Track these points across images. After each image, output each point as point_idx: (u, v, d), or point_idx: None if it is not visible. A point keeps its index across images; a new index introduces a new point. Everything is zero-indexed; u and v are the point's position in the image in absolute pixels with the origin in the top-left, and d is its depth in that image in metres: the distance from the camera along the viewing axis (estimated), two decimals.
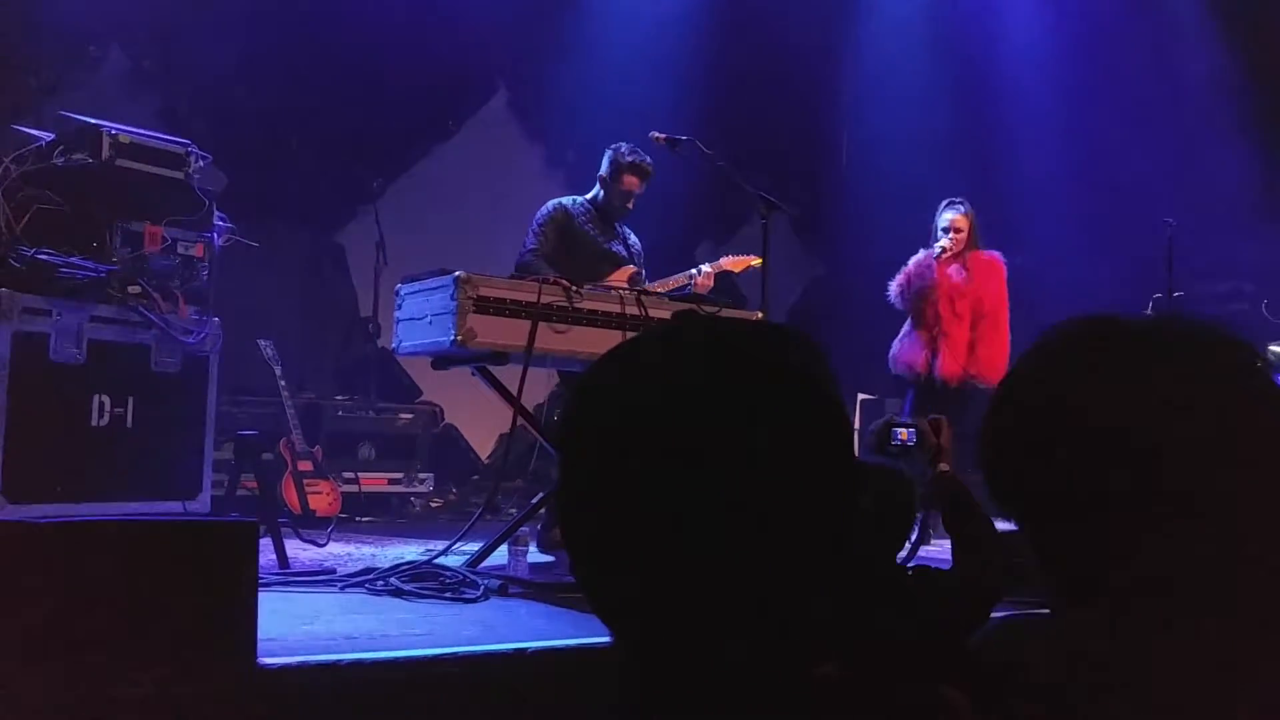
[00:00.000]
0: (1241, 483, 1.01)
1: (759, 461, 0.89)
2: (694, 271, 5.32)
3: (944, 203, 6.20)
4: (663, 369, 0.94)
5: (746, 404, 0.90)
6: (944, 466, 2.44)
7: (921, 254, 6.21)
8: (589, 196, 5.39)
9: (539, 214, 5.37)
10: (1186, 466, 1.01)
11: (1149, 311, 7.03)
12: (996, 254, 6.20)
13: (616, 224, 5.41)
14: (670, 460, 0.89)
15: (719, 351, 0.94)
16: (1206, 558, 1.00)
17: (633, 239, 5.49)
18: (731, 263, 5.56)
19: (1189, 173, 8.77)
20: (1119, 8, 8.98)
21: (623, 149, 5.26)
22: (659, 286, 5.24)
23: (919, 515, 2.58)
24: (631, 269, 5.31)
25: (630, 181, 5.23)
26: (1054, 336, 1.12)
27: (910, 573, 1.86)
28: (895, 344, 6.29)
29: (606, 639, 0.94)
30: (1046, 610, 1.10)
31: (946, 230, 6.11)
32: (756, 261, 5.45)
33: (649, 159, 5.27)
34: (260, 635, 2.42)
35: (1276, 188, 8.58)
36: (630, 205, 5.32)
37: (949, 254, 6.06)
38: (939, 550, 4.70)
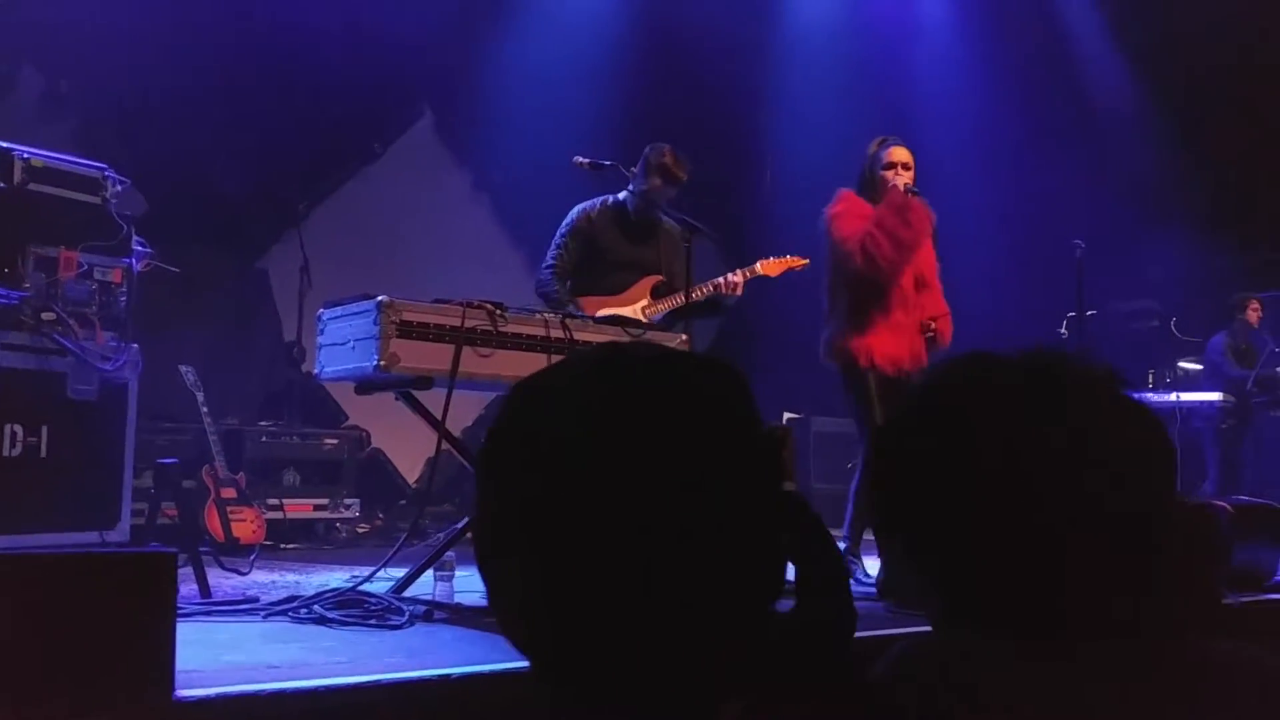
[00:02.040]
0: (1111, 503, 1.05)
1: (680, 496, 0.88)
2: (719, 281, 5.21)
3: (877, 140, 4.85)
4: (581, 403, 0.92)
5: (669, 440, 0.90)
6: (788, 485, 2.20)
7: (871, 198, 4.66)
8: (622, 196, 5.33)
9: (564, 223, 5.34)
10: (1053, 493, 1.05)
11: (1063, 330, 7.22)
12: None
13: (658, 219, 5.32)
14: (588, 494, 0.88)
15: (641, 385, 0.93)
16: (1080, 579, 1.05)
17: (671, 229, 5.24)
18: (769, 266, 5.31)
19: (1099, 195, 9.02)
20: (1030, 37, 9.23)
21: (660, 149, 5.21)
22: (680, 298, 5.20)
23: None
24: (655, 279, 5.27)
25: (656, 184, 5.18)
26: (932, 376, 1.18)
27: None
28: (847, 330, 4.67)
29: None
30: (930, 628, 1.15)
31: (891, 166, 4.69)
32: (800, 263, 5.21)
33: (686, 164, 5.20)
34: (179, 667, 2.38)
35: (1185, 208, 8.85)
36: (656, 209, 5.26)
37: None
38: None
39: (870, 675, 1.07)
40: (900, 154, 4.71)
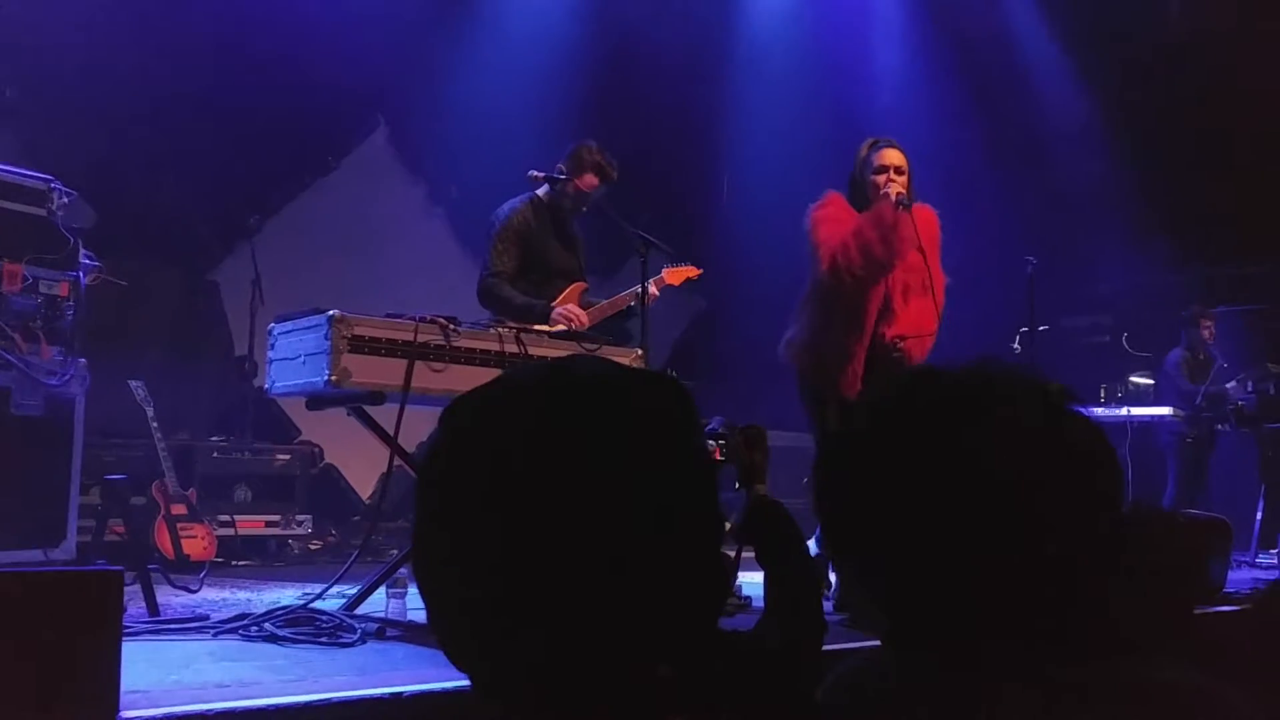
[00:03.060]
0: (1049, 515, 1.04)
1: (615, 510, 0.88)
2: (636, 289, 5.16)
3: (869, 141, 4.46)
4: (521, 420, 0.92)
5: (611, 452, 0.90)
6: (760, 489, 2.04)
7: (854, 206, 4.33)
8: (541, 193, 5.23)
9: (497, 223, 5.10)
10: (988, 511, 1.04)
11: (1015, 346, 7.29)
12: (930, 207, 4.48)
13: (572, 219, 5.29)
14: (533, 509, 0.88)
15: (584, 399, 0.93)
16: (1022, 600, 1.04)
17: (578, 230, 5.37)
18: (671, 274, 5.46)
19: (1050, 211, 9.12)
20: (983, 53, 9.34)
21: (593, 147, 5.15)
22: (607, 306, 5.20)
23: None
24: (581, 285, 5.23)
25: (591, 182, 5.11)
26: (870, 398, 1.17)
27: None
28: (812, 339, 4.36)
29: None
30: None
31: (882, 171, 4.32)
32: (694, 273, 5.54)
33: (615, 162, 5.17)
34: (126, 687, 2.35)
35: (1136, 224, 8.98)
36: (585, 208, 5.20)
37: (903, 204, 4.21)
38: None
39: (817, 694, 1.06)
40: (893, 157, 4.35)
